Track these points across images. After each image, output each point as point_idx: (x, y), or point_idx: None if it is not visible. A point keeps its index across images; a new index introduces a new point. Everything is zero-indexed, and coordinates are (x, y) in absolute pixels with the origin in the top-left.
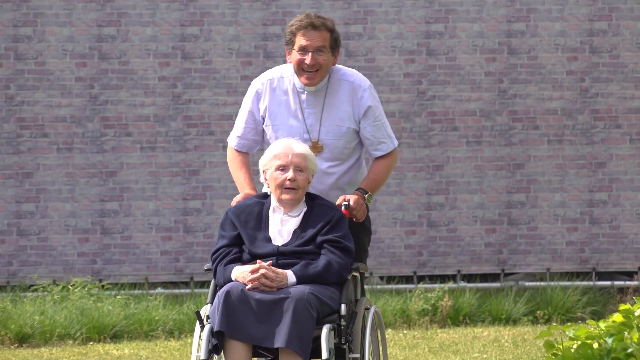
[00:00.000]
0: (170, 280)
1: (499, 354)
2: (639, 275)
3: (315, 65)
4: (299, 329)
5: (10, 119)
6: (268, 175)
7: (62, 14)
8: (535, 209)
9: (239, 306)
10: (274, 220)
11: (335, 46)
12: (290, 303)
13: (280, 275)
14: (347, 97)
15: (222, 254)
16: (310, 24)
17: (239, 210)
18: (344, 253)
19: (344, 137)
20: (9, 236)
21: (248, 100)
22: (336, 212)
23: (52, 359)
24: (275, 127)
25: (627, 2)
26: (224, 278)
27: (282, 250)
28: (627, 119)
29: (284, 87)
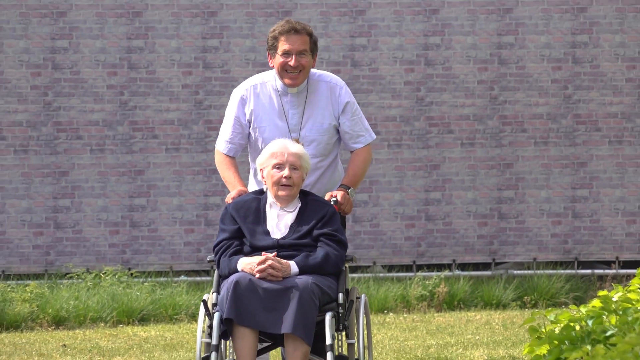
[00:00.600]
0: (193, 269)
1: (490, 335)
2: (616, 265)
3: (299, 67)
4: (304, 316)
5: (48, 123)
6: (265, 173)
7: (95, 27)
8: (523, 204)
9: (247, 295)
10: (271, 215)
11: (314, 49)
12: (296, 292)
13: (285, 265)
14: (326, 96)
15: (224, 246)
16: (293, 29)
17: (238, 206)
18: (339, 245)
19: (327, 133)
20: (47, 229)
21: (233, 107)
22: (329, 207)
23: (85, 340)
24: (261, 128)
25: (606, 17)
26: (229, 268)
27: (282, 243)
28: (606, 123)
29: (267, 92)
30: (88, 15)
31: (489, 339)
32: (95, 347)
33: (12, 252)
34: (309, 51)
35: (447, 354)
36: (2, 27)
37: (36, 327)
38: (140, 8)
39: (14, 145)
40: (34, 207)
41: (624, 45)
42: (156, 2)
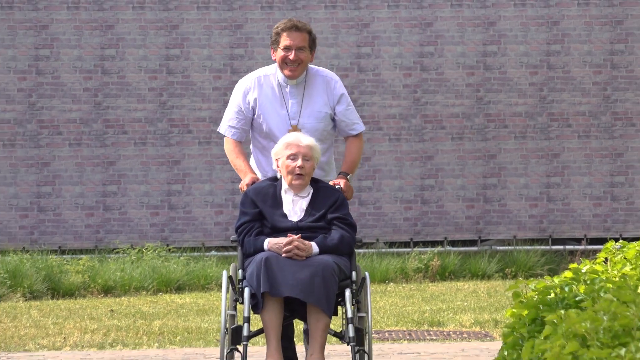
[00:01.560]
0: (222, 245)
1: (476, 302)
2: (585, 241)
3: (297, 61)
4: (327, 291)
5: (98, 120)
6: (280, 163)
7: (138, 38)
8: (504, 190)
9: (277, 270)
10: (287, 200)
11: (313, 46)
12: (319, 270)
13: (307, 246)
14: (323, 88)
15: (246, 228)
16: (294, 26)
17: (257, 191)
18: (351, 228)
19: (323, 121)
20: (97, 211)
21: (238, 96)
22: (339, 193)
23: (130, 306)
24: (265, 115)
25: (576, 29)
26: (254, 247)
27: (300, 226)
28: (575, 120)
29: (270, 83)
30: (132, 27)
31: (476, 305)
32: (138, 312)
33: (67, 230)
34: (308, 47)
35: (440, 318)
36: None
37: (87, 295)
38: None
39: (69, 139)
40: (85, 192)
41: (591, 54)
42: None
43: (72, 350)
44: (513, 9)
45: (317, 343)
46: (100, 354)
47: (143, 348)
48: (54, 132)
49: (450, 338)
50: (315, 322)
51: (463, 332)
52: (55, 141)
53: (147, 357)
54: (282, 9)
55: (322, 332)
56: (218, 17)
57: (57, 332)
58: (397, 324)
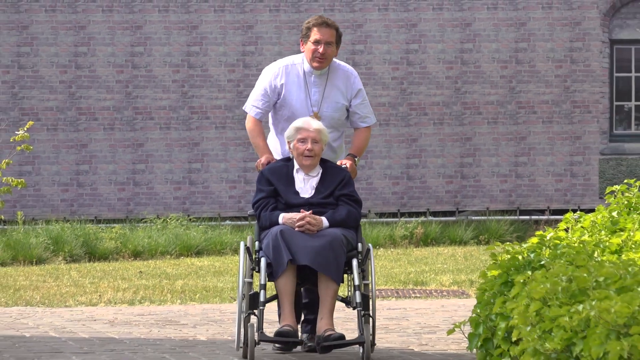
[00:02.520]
0: (235, 215)
1: (454, 264)
2: (548, 212)
3: (325, 55)
4: (336, 260)
5: (128, 108)
6: (292, 145)
7: (163, 37)
8: (479, 167)
9: (292, 242)
10: (298, 178)
11: (338, 41)
12: (329, 241)
13: (318, 221)
14: (343, 81)
15: (262, 203)
16: (324, 23)
17: (272, 171)
18: (357, 204)
19: (339, 111)
20: (128, 186)
21: (265, 80)
22: (346, 172)
23: (156, 268)
24: (289, 100)
25: (540, 29)
26: (270, 221)
27: (311, 202)
28: (540, 108)
29: (296, 71)
30: (158, 27)
31: (454, 267)
32: (163, 273)
33: (102, 203)
34: (334, 43)
35: (423, 279)
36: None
37: (119, 258)
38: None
39: (104, 124)
40: (118, 170)
41: (553, 51)
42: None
43: (106, 306)
44: (486, 12)
45: (327, 308)
46: (131, 309)
47: (167, 304)
48: (91, 118)
49: (432, 296)
50: (325, 289)
51: (443, 290)
52: (92, 126)
53: (171, 312)
54: (287, 12)
55: (331, 298)
56: (232, 19)
57: (93, 291)
58: (386, 283)
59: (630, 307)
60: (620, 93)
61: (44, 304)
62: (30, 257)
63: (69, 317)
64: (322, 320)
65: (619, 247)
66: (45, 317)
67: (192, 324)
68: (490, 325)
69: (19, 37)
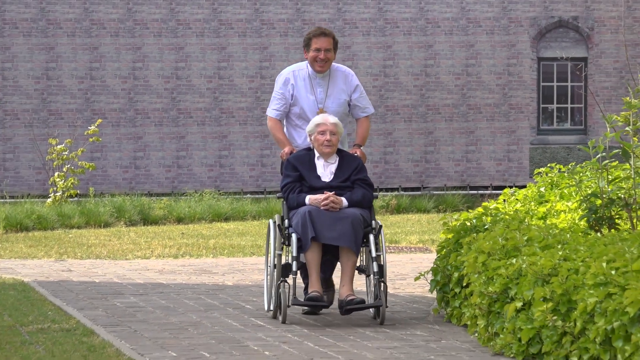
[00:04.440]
0: (254, 191)
1: (420, 227)
2: (490, 188)
3: (325, 59)
4: (355, 236)
5: (173, 109)
6: (313, 137)
7: (199, 55)
8: (438, 154)
9: (318, 221)
10: (319, 165)
11: (335, 47)
12: (349, 219)
13: (339, 200)
14: (342, 80)
15: (290, 187)
16: (322, 33)
17: (296, 159)
18: (370, 187)
19: (342, 106)
20: (173, 168)
21: (280, 84)
22: (359, 160)
23: (194, 230)
24: (299, 99)
25: (485, 49)
26: (297, 202)
27: (331, 185)
28: (484, 109)
29: (302, 75)
30: (201, 46)
31: (420, 229)
32: (199, 234)
33: (153, 181)
34: (332, 49)
35: (396, 238)
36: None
37: (166, 223)
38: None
39: (155, 121)
40: (165, 156)
41: (494, 66)
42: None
43: (157, 259)
44: (444, 37)
45: (347, 276)
46: (175, 261)
47: (202, 258)
48: (145, 117)
49: (403, 251)
50: (347, 260)
51: (411, 247)
52: (146, 123)
53: (205, 263)
54: (294, 36)
55: (351, 268)
56: (252, 42)
57: (146, 247)
58: None
59: (552, 261)
60: (545, 98)
61: (109, 258)
62: (99, 222)
63: (128, 268)
64: (344, 287)
65: (544, 214)
66: (110, 267)
67: (221, 273)
68: (446, 273)
69: (91, 56)
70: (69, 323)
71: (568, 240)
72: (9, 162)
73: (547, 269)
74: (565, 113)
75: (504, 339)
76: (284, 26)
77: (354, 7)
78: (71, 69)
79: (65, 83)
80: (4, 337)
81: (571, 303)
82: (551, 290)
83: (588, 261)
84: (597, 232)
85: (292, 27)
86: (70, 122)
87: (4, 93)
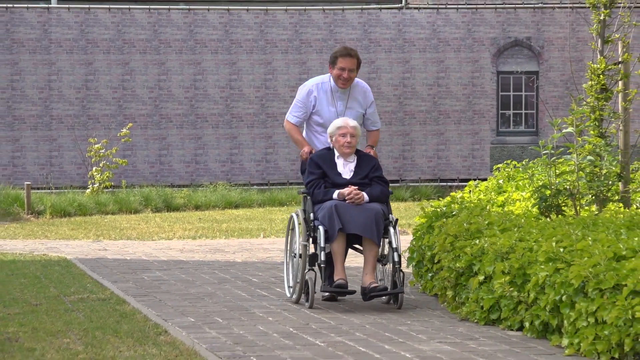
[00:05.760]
0: (259, 182)
1: (397, 213)
2: (457, 181)
3: (348, 78)
4: (378, 228)
5: (192, 114)
6: (334, 139)
7: (214, 69)
8: (414, 152)
9: (344, 214)
10: (339, 163)
11: (358, 67)
12: (372, 212)
13: (362, 195)
14: (361, 94)
15: (315, 183)
16: (348, 54)
17: (319, 157)
18: (386, 184)
19: (359, 118)
20: (192, 164)
21: (303, 94)
22: (375, 160)
23: (209, 215)
24: (320, 110)
25: (453, 64)
26: (323, 197)
27: (351, 182)
28: (453, 115)
29: (325, 88)
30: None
31: (398, 215)
32: (213, 219)
33: (175, 174)
34: (356, 69)
35: None
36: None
37: (186, 209)
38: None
39: (177, 125)
40: (185, 154)
41: (461, 78)
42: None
43: (178, 240)
44: (419, 54)
45: (370, 265)
46: (193, 242)
47: (216, 239)
48: (168, 121)
49: None
50: (369, 251)
51: None
52: (169, 126)
53: (219, 243)
54: (293, 53)
55: (373, 258)
56: (258, 58)
57: (169, 230)
58: None
59: (509, 241)
60: (503, 105)
61: (138, 239)
62: (130, 209)
63: (154, 247)
64: (366, 275)
65: (502, 202)
66: (139, 247)
67: (232, 251)
68: (421, 252)
69: (123, 70)
70: (105, 294)
71: (522, 224)
72: (54, 158)
73: (505, 248)
74: (520, 118)
75: (469, 307)
76: (284, 45)
77: (377, 29)
78: (106, 81)
79: (101, 93)
80: (51, 305)
81: (526, 276)
82: (509, 265)
83: (540, 241)
84: (546, 217)
85: (291, 45)
86: (106, 125)
87: (51, 101)
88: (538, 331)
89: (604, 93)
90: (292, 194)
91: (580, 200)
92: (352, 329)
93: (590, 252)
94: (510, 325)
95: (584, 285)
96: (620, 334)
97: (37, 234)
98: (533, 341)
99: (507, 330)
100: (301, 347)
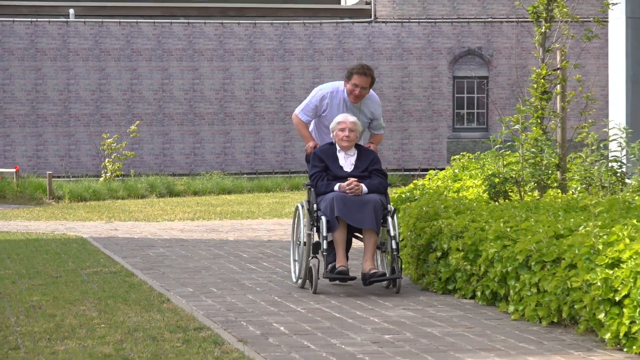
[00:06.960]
0: (249, 172)
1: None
2: (419, 170)
3: (360, 95)
4: (377, 218)
5: (191, 113)
6: (334, 133)
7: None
8: (381, 146)
9: (344, 203)
10: (341, 157)
11: (372, 84)
12: (371, 203)
13: (360, 187)
14: (372, 105)
15: (318, 176)
16: (364, 73)
17: (322, 152)
18: (385, 176)
19: (365, 125)
20: (190, 156)
21: (317, 97)
22: (375, 154)
23: (206, 201)
24: (330, 114)
25: (416, 71)
26: (325, 189)
27: (352, 174)
28: (415, 113)
29: (339, 96)
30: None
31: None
32: (209, 203)
33: (176, 165)
34: (369, 87)
35: None
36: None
37: (186, 195)
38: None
39: (177, 122)
40: (185, 147)
41: (422, 82)
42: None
43: (179, 221)
44: (386, 62)
45: (369, 252)
46: (192, 223)
47: (212, 220)
48: (170, 119)
49: None
50: (369, 239)
51: None
52: (171, 123)
53: (214, 224)
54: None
55: (373, 246)
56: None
57: (171, 212)
58: None
59: (463, 222)
60: (458, 105)
61: (144, 220)
62: (137, 195)
63: (158, 227)
64: (366, 261)
65: (457, 189)
66: (145, 227)
67: (225, 231)
68: None
69: (132, 75)
70: (116, 267)
71: (475, 207)
72: (72, 151)
73: (459, 228)
74: (473, 116)
75: (429, 279)
76: (270, 53)
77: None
78: (117, 84)
79: (113, 94)
80: (69, 277)
81: (477, 252)
82: (462, 243)
83: (489, 222)
84: (495, 201)
85: (276, 54)
86: (117, 122)
87: (69, 102)
88: (488, 299)
89: (545, 95)
90: (277, 182)
91: (524, 187)
92: (328, 298)
93: (533, 231)
94: (464, 294)
95: (527, 260)
96: (559, 302)
97: (57, 216)
98: (484, 308)
99: (461, 298)
100: (285, 313)
